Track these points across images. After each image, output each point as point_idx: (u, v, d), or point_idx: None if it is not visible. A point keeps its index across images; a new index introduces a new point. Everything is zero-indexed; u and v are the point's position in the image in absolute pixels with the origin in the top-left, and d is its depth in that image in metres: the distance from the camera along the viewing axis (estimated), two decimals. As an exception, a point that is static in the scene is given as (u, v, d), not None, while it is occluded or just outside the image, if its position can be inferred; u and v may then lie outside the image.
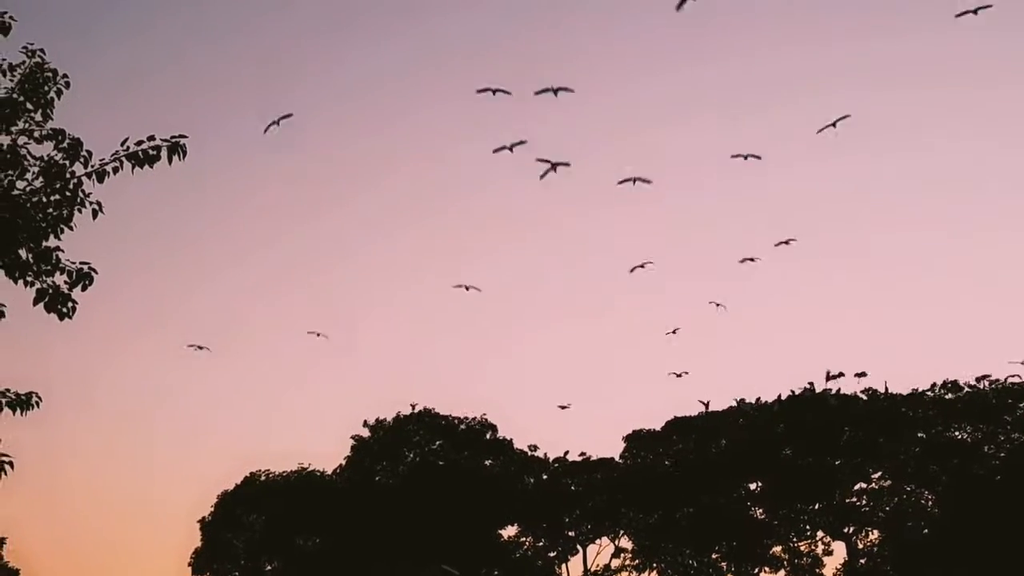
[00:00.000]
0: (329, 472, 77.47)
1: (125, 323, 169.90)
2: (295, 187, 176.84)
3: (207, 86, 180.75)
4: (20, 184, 16.36)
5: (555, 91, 37.75)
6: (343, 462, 77.38)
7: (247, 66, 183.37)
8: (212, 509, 76.34)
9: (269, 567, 75.55)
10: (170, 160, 16.21)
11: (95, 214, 16.38)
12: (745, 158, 47.28)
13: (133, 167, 16.15)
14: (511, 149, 41.76)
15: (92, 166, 16.22)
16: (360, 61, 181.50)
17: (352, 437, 77.45)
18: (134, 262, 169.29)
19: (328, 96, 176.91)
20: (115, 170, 16.17)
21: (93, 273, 16.44)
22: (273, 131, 42.78)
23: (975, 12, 42.01)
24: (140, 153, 16.07)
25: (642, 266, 52.31)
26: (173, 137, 16.30)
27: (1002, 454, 69.75)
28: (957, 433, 71.56)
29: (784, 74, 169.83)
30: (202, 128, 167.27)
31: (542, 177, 41.02)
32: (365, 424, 77.55)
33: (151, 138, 16.17)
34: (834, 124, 47.20)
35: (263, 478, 76.85)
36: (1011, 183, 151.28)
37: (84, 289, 16.44)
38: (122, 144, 16.09)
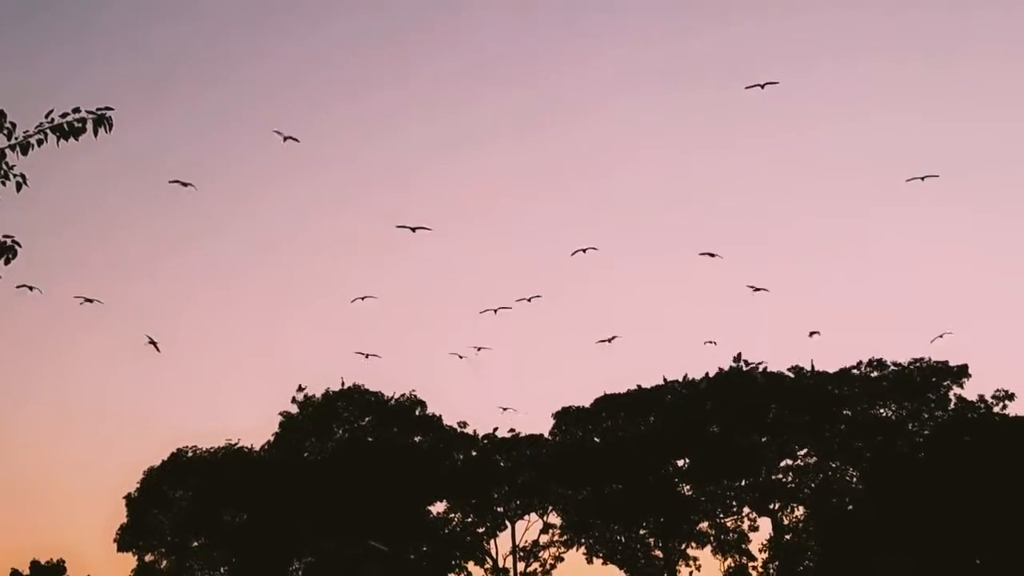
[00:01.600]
0: (257, 448, 76.88)
1: (48, 300, 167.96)
2: (235, 168, 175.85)
3: (143, 57, 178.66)
4: (-59, 155, 16.02)
5: None
6: (271, 438, 76.78)
7: (187, 37, 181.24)
8: (138, 485, 75.61)
9: (196, 543, 75.04)
10: (95, 133, 15.85)
11: (19, 187, 16.05)
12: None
13: (58, 139, 15.81)
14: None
15: (16, 138, 15.86)
16: (308, 35, 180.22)
17: (280, 413, 76.91)
18: (59, 237, 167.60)
19: (266, 80, 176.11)
20: (39, 142, 15.83)
21: (17, 246, 16.16)
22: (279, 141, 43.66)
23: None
24: (65, 125, 15.66)
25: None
26: (99, 109, 15.88)
27: (925, 432, 70.32)
28: (882, 411, 72.15)
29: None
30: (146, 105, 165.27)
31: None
32: (294, 400, 77.09)
33: (76, 110, 15.78)
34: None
35: (190, 454, 76.16)
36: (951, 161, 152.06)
37: (7, 263, 16.15)
38: (47, 116, 15.74)
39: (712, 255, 52.51)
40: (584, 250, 52.37)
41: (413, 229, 42.62)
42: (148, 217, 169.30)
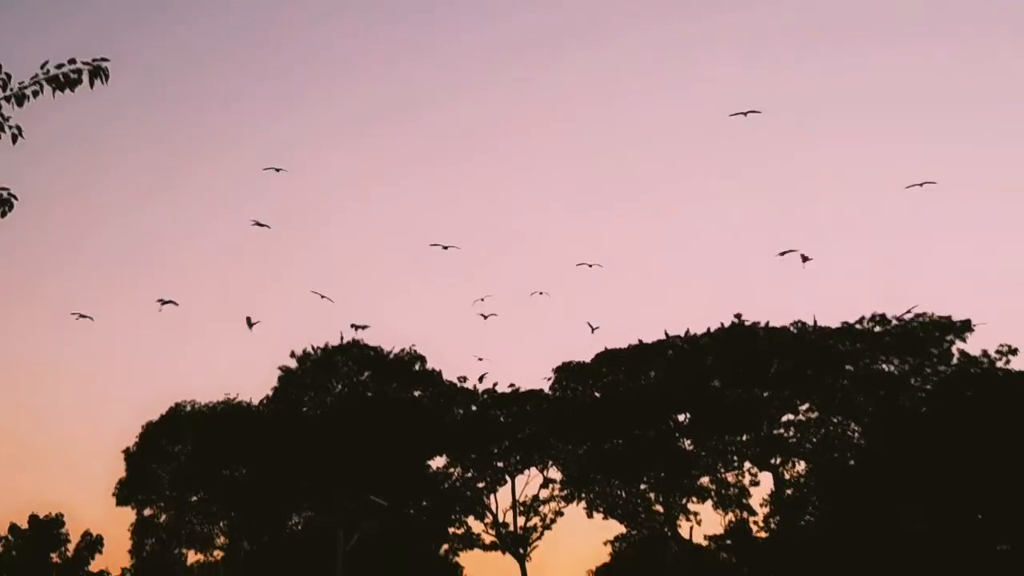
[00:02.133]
0: (255, 403, 76.52)
1: (46, 251, 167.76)
2: (220, 114, 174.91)
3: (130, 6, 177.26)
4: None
5: None
6: (270, 393, 76.43)
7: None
8: (136, 440, 75.33)
9: (195, 497, 74.80)
10: (91, 84, 15.49)
11: (15, 139, 15.68)
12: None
13: (54, 90, 15.45)
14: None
15: (11, 89, 15.43)
16: None
17: (279, 368, 76.49)
18: (57, 189, 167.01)
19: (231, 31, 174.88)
20: (35, 94, 15.43)
21: (13, 199, 15.83)
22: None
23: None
24: (61, 76, 15.36)
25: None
26: (95, 60, 15.54)
27: (928, 387, 69.92)
28: (884, 366, 71.72)
29: None
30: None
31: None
32: (292, 355, 76.65)
33: (72, 61, 15.43)
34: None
35: (188, 409, 75.82)
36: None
37: (3, 216, 15.81)
38: (42, 67, 15.35)
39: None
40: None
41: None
42: (137, 166, 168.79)
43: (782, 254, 57.71)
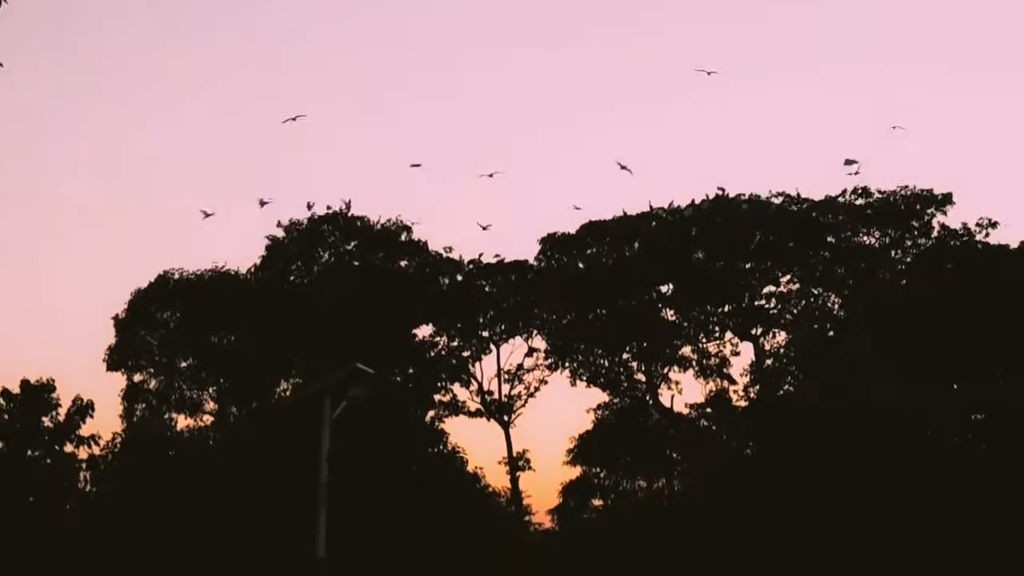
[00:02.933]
0: (244, 272, 76.85)
1: (34, 111, 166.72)
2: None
3: None
4: None
5: None
6: (257, 261, 76.75)
7: None
8: (126, 307, 75.71)
9: (184, 364, 75.51)
10: None
11: None
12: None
13: None
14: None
15: None
16: None
17: (266, 237, 76.75)
18: (43, 56, 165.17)
19: None
20: None
21: None
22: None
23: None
24: None
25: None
26: None
27: (908, 259, 70.69)
28: (865, 238, 72.39)
29: None
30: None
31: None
32: (279, 224, 76.84)
33: None
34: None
35: (176, 276, 76.10)
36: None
37: None
38: None
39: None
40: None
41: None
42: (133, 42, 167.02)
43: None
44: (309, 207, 76.05)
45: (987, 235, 69.23)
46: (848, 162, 64.68)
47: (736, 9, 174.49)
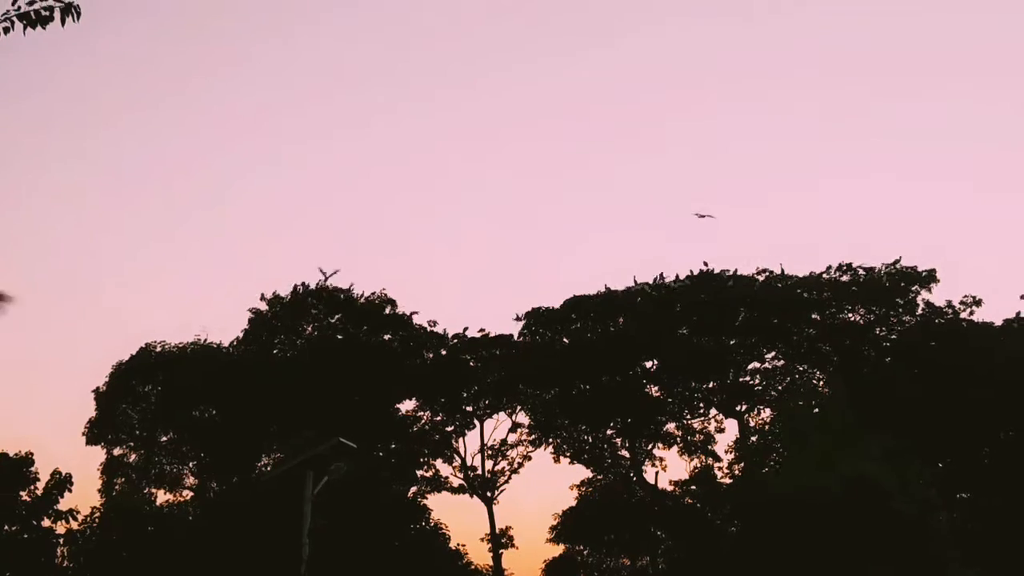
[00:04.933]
0: (226, 345, 76.58)
1: (18, 181, 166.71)
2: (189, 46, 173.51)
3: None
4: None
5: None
6: (240, 335, 76.50)
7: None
8: (107, 380, 75.40)
9: (164, 438, 75.05)
10: (63, 22, 15.44)
11: None
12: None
13: (25, 27, 15.40)
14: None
15: None
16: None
17: (249, 310, 76.55)
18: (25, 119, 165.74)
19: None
20: (6, 30, 15.38)
21: None
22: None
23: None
24: (32, 13, 15.29)
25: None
26: None
27: (893, 336, 70.68)
28: (850, 315, 72.41)
29: None
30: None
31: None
32: (263, 297, 76.69)
33: None
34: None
35: (159, 349, 75.86)
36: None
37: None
38: (13, 3, 15.28)
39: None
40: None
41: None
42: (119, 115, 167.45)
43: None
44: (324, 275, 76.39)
45: (971, 312, 69.35)
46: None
47: (723, 88, 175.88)
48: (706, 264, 74.68)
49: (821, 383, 72.22)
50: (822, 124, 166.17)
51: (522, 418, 77.74)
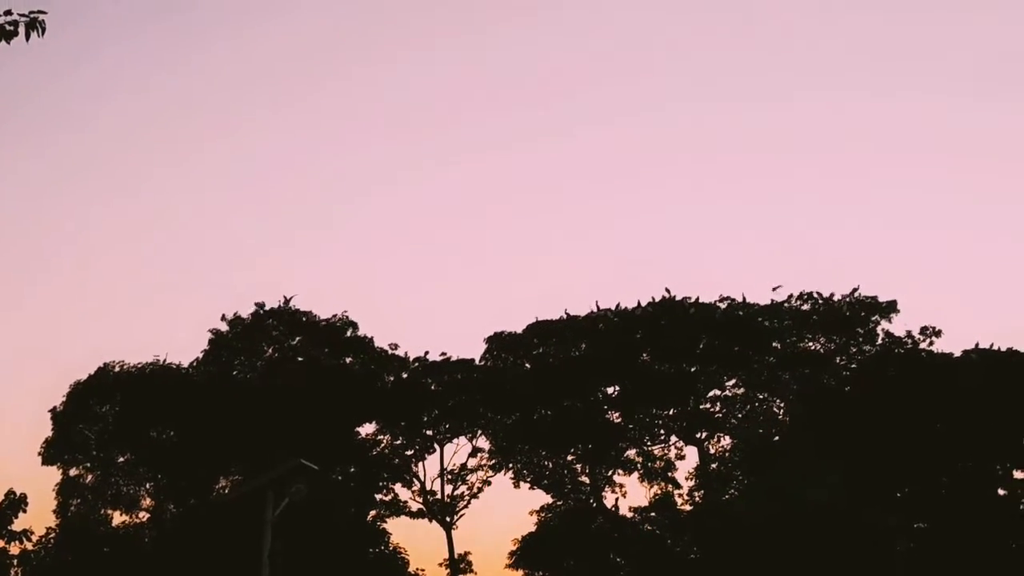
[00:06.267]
0: (185, 365, 76.07)
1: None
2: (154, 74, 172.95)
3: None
4: None
5: None
6: (200, 355, 76.01)
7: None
8: (64, 400, 74.63)
9: (121, 459, 74.31)
10: (27, 36, 15.22)
11: None
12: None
13: None
14: None
15: None
16: None
17: (209, 331, 76.12)
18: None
19: None
20: None
21: None
22: None
23: None
24: None
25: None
26: (32, 12, 15.26)
27: (852, 365, 71.14)
28: (811, 344, 72.84)
29: None
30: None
31: None
32: (223, 318, 76.28)
33: (8, 12, 15.14)
34: None
35: (117, 369, 75.20)
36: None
37: None
38: None
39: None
40: None
41: None
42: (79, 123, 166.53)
43: None
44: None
45: (931, 343, 69.98)
46: None
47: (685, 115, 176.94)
48: (668, 291, 74.99)
49: (781, 411, 72.69)
50: (782, 148, 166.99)
51: (483, 442, 77.53)
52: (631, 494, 75.24)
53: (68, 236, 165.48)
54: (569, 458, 75.09)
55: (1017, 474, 63.66)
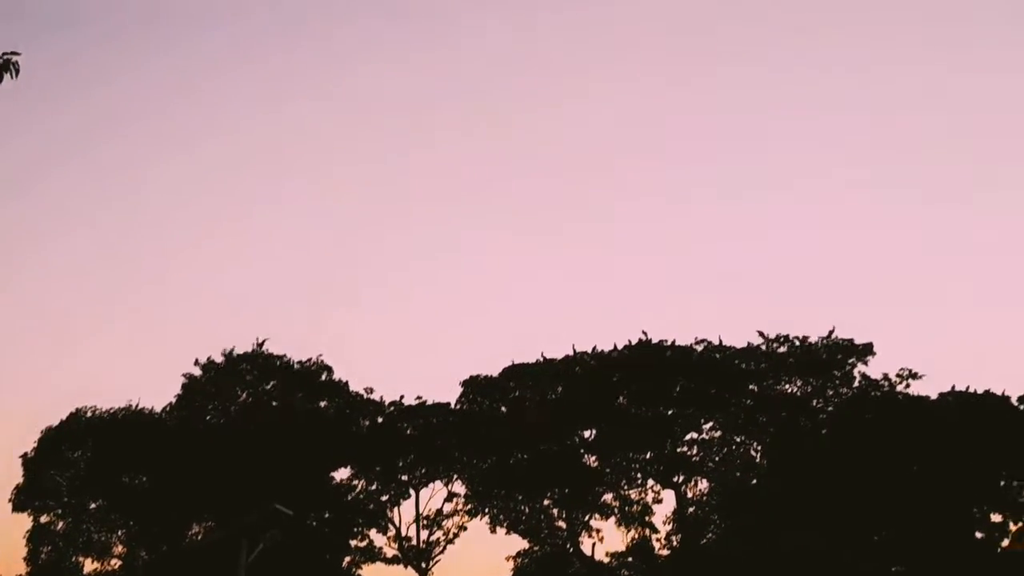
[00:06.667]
0: (158, 410, 75.48)
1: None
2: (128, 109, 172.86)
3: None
4: None
5: None
6: (173, 400, 75.47)
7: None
8: (35, 445, 73.94)
9: (93, 505, 73.55)
10: (0, 78, 14.99)
11: None
12: None
13: None
14: None
15: None
16: None
17: (183, 375, 75.65)
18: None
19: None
20: None
21: None
22: None
23: None
24: None
25: None
26: (5, 54, 15.04)
27: (829, 408, 71.08)
28: (787, 387, 72.72)
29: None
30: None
31: None
32: (196, 363, 75.84)
33: None
34: None
35: (89, 414, 74.59)
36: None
37: None
38: None
39: None
40: None
41: None
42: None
43: None
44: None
45: (907, 386, 69.96)
46: None
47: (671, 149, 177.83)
48: (645, 334, 74.82)
49: (758, 454, 72.46)
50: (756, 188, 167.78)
51: (459, 487, 76.94)
52: (608, 539, 74.59)
53: (38, 280, 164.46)
54: (545, 502, 74.46)
55: (994, 517, 63.67)
